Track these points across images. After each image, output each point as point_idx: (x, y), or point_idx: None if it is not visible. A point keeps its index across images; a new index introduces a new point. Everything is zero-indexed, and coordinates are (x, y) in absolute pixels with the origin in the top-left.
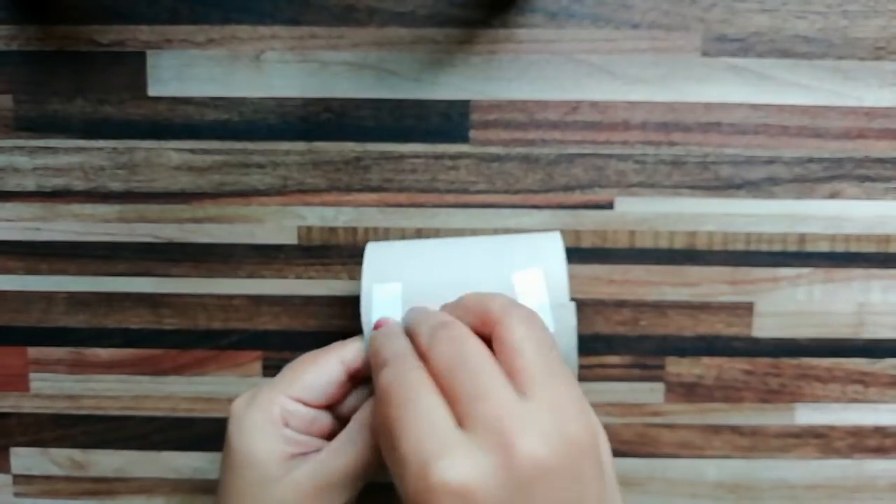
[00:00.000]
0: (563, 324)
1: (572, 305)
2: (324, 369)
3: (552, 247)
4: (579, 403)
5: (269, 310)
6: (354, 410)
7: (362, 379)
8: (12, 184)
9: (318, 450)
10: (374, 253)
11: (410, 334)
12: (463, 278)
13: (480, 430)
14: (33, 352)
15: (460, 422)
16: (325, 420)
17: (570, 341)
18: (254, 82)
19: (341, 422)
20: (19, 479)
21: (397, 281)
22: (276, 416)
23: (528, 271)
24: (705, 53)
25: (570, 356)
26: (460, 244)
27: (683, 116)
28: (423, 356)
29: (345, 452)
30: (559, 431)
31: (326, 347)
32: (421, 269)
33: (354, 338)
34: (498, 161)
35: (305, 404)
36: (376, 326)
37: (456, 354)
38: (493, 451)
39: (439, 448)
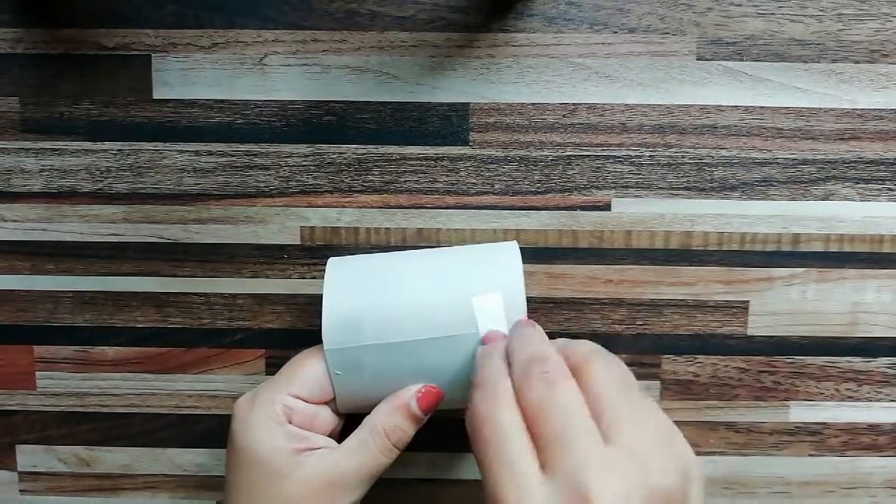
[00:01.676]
0: None
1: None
2: (320, 367)
3: (511, 267)
4: (666, 446)
5: (272, 309)
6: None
7: None
8: (19, 185)
9: (322, 446)
10: (335, 275)
11: (508, 358)
12: (423, 302)
13: (561, 479)
14: (40, 350)
15: (543, 466)
16: (326, 415)
17: None
18: (257, 85)
19: (341, 418)
20: (25, 476)
21: (358, 302)
22: (279, 413)
23: (486, 296)
24: (701, 57)
25: None
26: (421, 262)
27: (679, 119)
28: (515, 385)
29: (358, 454)
30: (641, 483)
31: (321, 345)
32: (382, 293)
33: None
34: (497, 163)
35: (305, 400)
36: (484, 341)
37: (546, 395)
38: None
39: (517, 497)
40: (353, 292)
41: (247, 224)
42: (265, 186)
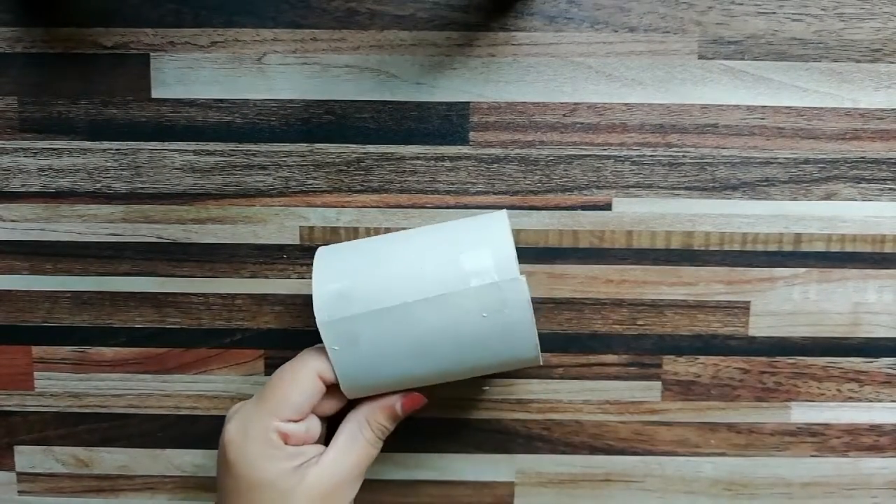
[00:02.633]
0: (516, 297)
1: (523, 279)
2: (306, 386)
3: (498, 225)
4: None
5: (271, 309)
6: (332, 409)
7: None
8: (17, 184)
9: (315, 455)
10: (323, 256)
11: None
12: (412, 266)
13: None
14: (38, 351)
15: None
16: (315, 425)
17: (525, 314)
18: (256, 85)
19: (324, 422)
20: (24, 477)
21: (346, 275)
22: (276, 439)
23: (475, 251)
24: (702, 56)
25: (528, 330)
26: (408, 235)
27: (680, 118)
28: None
29: (350, 451)
30: None
31: (301, 360)
32: (371, 263)
33: (320, 347)
34: (497, 162)
35: (297, 420)
36: None
37: None
38: None
39: None
40: (340, 268)
41: (245, 224)
42: (264, 186)
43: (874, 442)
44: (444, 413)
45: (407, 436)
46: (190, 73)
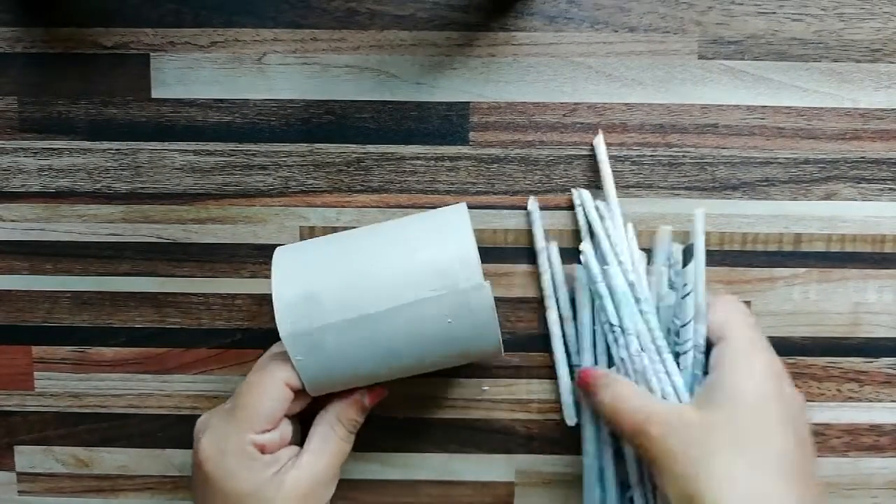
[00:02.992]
0: (481, 303)
1: (487, 285)
2: (275, 395)
3: (460, 227)
4: None
5: (271, 309)
6: (300, 407)
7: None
8: (17, 184)
9: (290, 457)
10: (282, 260)
11: None
12: (374, 271)
13: None
14: (38, 351)
15: None
16: (287, 429)
17: (489, 318)
18: (256, 85)
19: (297, 422)
20: (24, 477)
21: (308, 282)
22: (253, 451)
23: (438, 257)
24: (702, 56)
25: (492, 331)
26: (369, 234)
27: (680, 118)
28: None
29: (323, 452)
30: None
31: (266, 371)
32: (331, 269)
33: (283, 353)
34: (497, 162)
35: (271, 430)
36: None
37: None
38: None
39: None
40: (301, 274)
41: (245, 224)
42: (264, 186)
43: (874, 442)
44: (444, 413)
45: (407, 436)
46: (190, 73)
